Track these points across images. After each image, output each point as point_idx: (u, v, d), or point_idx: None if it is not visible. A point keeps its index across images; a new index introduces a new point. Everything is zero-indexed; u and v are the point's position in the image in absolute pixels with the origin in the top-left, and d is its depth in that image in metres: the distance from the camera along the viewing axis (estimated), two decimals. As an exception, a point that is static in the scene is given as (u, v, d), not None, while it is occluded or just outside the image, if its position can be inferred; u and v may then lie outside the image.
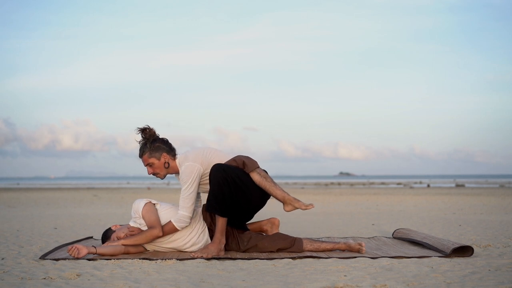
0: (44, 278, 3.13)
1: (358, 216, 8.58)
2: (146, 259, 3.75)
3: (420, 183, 42.60)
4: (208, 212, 4.16)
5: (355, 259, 3.72)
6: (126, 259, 3.76)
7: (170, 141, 4.22)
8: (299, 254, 3.91)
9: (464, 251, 3.88)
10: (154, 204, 4.14)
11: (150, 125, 4.17)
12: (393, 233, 5.00)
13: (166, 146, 4.17)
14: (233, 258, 3.82)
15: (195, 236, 4.12)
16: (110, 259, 3.75)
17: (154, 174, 4.20)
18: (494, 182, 43.49)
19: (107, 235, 4.19)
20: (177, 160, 4.18)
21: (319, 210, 10.15)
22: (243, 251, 4.10)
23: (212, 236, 4.14)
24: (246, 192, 3.98)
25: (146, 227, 4.07)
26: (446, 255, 3.79)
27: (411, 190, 22.87)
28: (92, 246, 3.90)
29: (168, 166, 4.17)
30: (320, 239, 4.68)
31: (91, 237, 5.14)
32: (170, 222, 4.03)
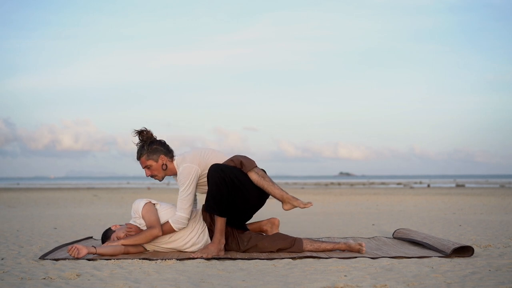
0: (44, 278, 3.13)
1: (358, 216, 8.57)
2: (146, 259, 3.75)
3: (420, 183, 42.58)
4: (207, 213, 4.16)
5: (355, 259, 3.72)
6: (126, 259, 3.76)
7: (170, 141, 4.22)
8: (299, 254, 3.91)
9: (464, 251, 3.88)
10: (154, 204, 4.14)
11: (148, 126, 4.18)
12: (393, 233, 5.00)
13: (163, 148, 4.17)
14: (233, 258, 3.82)
15: (195, 237, 4.12)
16: (110, 259, 3.74)
17: (152, 176, 4.20)
18: (494, 182, 43.48)
19: (107, 235, 4.19)
20: (175, 161, 4.18)
21: (319, 210, 10.15)
22: (243, 251, 4.10)
23: (212, 236, 4.14)
24: (245, 192, 3.98)
25: (146, 227, 4.07)
26: (446, 255, 3.79)
27: (411, 190, 22.87)
28: (92, 246, 3.90)
29: (166, 168, 4.17)
30: (320, 239, 4.68)
31: (91, 237, 5.13)
32: (167, 222, 4.03)
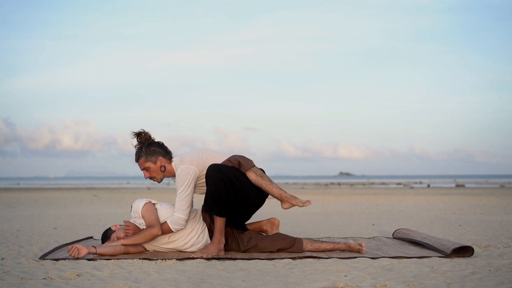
0: (44, 278, 3.13)
1: (358, 216, 8.57)
2: (146, 259, 3.75)
3: (420, 183, 42.58)
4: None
5: (355, 259, 3.72)
6: (126, 259, 3.76)
7: (170, 141, 4.24)
8: (299, 254, 3.91)
9: (464, 251, 3.88)
10: (154, 204, 4.14)
11: (148, 126, 4.19)
12: (393, 233, 5.00)
13: (161, 149, 4.17)
14: (233, 258, 3.82)
15: (195, 237, 4.12)
16: (110, 259, 3.74)
17: (151, 178, 4.20)
18: (494, 182, 43.49)
19: (107, 235, 4.19)
20: (173, 163, 4.18)
21: (319, 210, 10.15)
22: (243, 251, 4.10)
23: (212, 236, 4.14)
24: (243, 192, 3.98)
25: (145, 227, 4.07)
26: (446, 255, 3.79)
27: (411, 190, 22.87)
28: (92, 246, 3.90)
29: (164, 170, 4.17)
30: (320, 239, 4.68)
31: (91, 237, 5.13)
32: (165, 223, 4.03)
